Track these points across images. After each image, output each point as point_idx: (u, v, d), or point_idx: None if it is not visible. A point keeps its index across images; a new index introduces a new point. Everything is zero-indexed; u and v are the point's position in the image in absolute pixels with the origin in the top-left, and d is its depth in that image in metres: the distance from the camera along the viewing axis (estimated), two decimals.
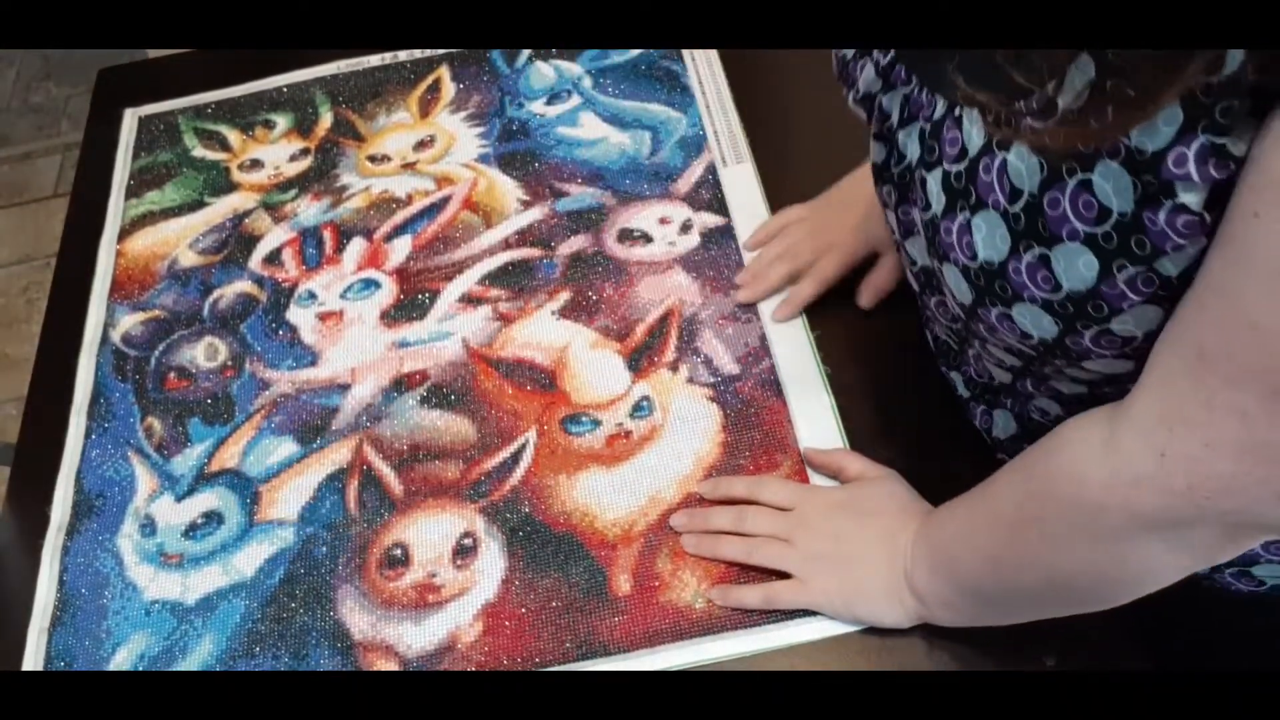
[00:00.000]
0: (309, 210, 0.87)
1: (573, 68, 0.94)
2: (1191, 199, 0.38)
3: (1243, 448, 0.39)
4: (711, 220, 0.82)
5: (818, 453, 0.67)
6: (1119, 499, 0.43)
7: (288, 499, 0.70)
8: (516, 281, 0.80)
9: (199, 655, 0.65)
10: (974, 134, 0.47)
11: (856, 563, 0.60)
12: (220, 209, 0.88)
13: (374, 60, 0.98)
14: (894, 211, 0.57)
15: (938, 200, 0.49)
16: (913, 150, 0.52)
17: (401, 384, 0.75)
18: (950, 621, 0.58)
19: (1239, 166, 0.36)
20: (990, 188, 0.45)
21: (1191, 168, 0.37)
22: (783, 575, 0.62)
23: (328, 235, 0.85)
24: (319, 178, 0.89)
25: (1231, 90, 0.35)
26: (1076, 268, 0.42)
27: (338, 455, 0.72)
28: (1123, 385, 0.50)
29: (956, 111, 0.48)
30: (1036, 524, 0.48)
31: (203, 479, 0.72)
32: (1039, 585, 0.51)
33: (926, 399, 0.68)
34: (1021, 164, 0.44)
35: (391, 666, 0.63)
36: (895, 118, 0.54)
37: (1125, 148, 0.39)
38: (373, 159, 0.90)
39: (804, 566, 0.61)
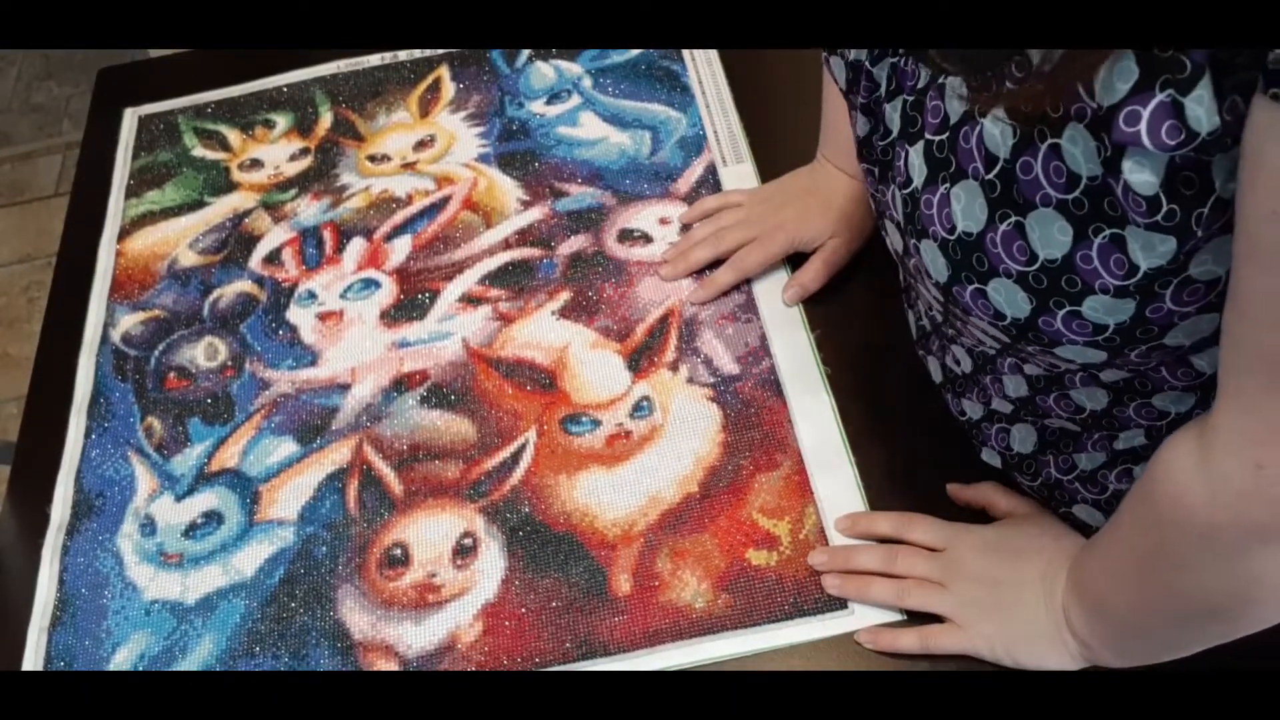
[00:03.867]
0: (309, 210, 0.87)
1: (573, 68, 0.94)
2: (1139, 180, 0.37)
3: None
4: None
5: (963, 488, 0.65)
6: (1228, 516, 0.42)
7: (288, 499, 0.70)
8: (516, 281, 0.80)
9: (199, 655, 0.65)
10: (955, 103, 0.47)
11: (1016, 607, 0.57)
12: (220, 209, 0.88)
13: (374, 60, 0.98)
14: (873, 192, 0.57)
15: (919, 172, 0.49)
16: (895, 123, 0.52)
17: (401, 384, 0.75)
18: (1120, 663, 0.55)
19: (1203, 146, 0.35)
20: (970, 155, 0.45)
21: (1143, 128, 0.36)
22: (934, 618, 0.60)
23: (328, 235, 0.85)
24: (319, 177, 0.89)
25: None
26: (1051, 234, 0.42)
27: (338, 455, 0.72)
28: (1094, 376, 0.50)
29: (941, 80, 0.48)
30: (1161, 553, 0.47)
31: (203, 479, 0.72)
32: (1187, 613, 0.49)
33: (926, 399, 0.68)
34: (996, 130, 0.44)
35: (391, 666, 0.63)
36: (883, 88, 0.53)
37: (1090, 109, 0.39)
38: (373, 159, 0.90)
39: (961, 611, 0.59)
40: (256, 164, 0.91)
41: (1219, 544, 0.44)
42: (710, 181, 0.84)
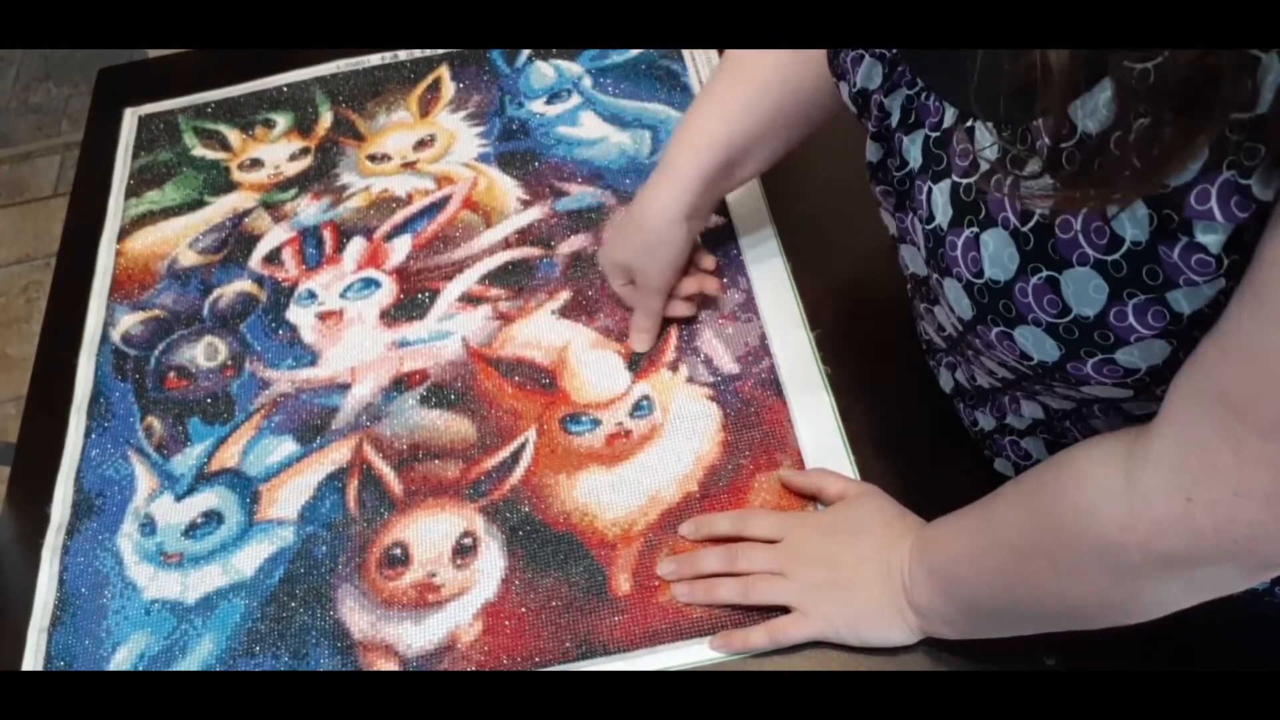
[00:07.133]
0: (309, 209, 0.87)
1: (573, 67, 0.94)
2: (1211, 240, 0.37)
3: (1274, 496, 0.38)
4: (711, 220, 0.82)
5: (795, 474, 0.66)
6: (1139, 538, 0.42)
7: (287, 498, 0.70)
8: (516, 281, 0.80)
9: (199, 655, 0.65)
10: (988, 149, 0.45)
11: (854, 586, 0.59)
12: (220, 208, 0.88)
13: (374, 60, 0.98)
14: (891, 214, 0.56)
15: (943, 212, 0.48)
16: (915, 156, 0.50)
17: (401, 383, 0.75)
18: (948, 635, 0.57)
19: (1263, 211, 0.35)
20: (1001, 205, 0.44)
21: (1214, 205, 0.36)
22: (783, 610, 0.61)
23: (327, 234, 0.85)
24: (319, 177, 0.89)
25: (1259, 132, 0.34)
26: (1086, 292, 0.42)
27: (338, 455, 0.72)
28: (1116, 406, 0.49)
29: (969, 122, 0.46)
30: (1045, 554, 0.48)
31: (202, 478, 0.72)
32: (1045, 609, 0.50)
33: (927, 399, 0.68)
34: (1035, 184, 0.42)
35: (391, 666, 0.63)
36: (895, 118, 0.52)
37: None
38: (373, 158, 0.90)
39: (803, 598, 0.60)
40: (256, 164, 0.91)
41: (1119, 562, 0.44)
42: None
